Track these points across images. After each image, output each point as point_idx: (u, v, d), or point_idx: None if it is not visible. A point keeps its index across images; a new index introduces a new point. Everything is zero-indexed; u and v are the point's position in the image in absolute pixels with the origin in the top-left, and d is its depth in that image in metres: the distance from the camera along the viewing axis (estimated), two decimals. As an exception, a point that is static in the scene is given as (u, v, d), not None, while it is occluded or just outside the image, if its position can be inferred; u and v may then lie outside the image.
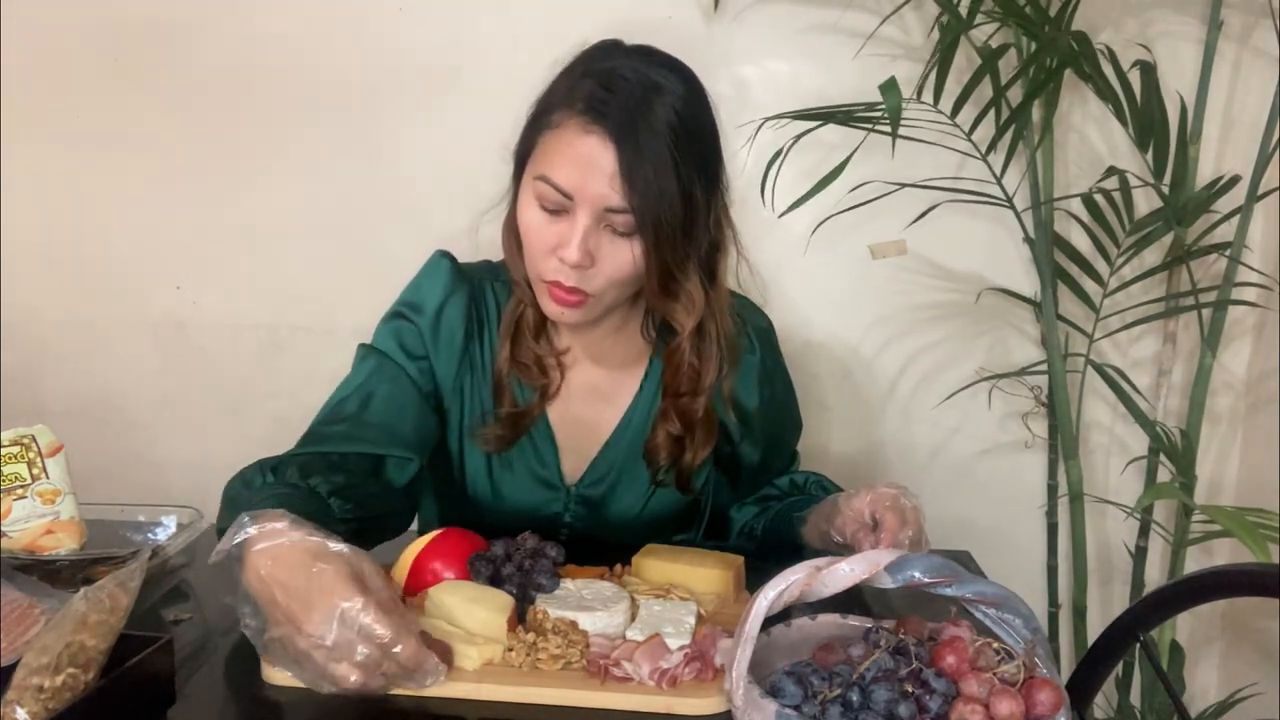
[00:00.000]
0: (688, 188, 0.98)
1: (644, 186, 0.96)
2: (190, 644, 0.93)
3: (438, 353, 1.12)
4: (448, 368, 1.13)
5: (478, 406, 1.14)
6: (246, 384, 1.78)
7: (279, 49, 1.68)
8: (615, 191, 0.96)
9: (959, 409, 1.68)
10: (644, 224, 0.97)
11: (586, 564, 1.05)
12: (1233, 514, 1.14)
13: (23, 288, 1.79)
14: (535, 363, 1.12)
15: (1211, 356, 1.54)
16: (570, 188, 0.98)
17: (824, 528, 1.04)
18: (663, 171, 0.96)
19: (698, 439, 1.14)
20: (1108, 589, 1.74)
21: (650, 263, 1.00)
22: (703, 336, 1.10)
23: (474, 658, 0.85)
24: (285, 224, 1.73)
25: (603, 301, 1.05)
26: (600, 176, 0.96)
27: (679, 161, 0.97)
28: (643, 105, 0.97)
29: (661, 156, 0.96)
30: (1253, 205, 1.47)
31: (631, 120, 0.96)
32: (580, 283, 1.01)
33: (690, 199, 0.99)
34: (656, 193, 0.96)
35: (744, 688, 0.70)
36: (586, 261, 0.99)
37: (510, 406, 1.13)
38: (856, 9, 1.56)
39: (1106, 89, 1.41)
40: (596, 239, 0.99)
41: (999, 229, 1.62)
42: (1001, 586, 0.74)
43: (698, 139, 1.00)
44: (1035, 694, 0.69)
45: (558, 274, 1.01)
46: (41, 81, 1.72)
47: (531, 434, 1.15)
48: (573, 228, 0.98)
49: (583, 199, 0.98)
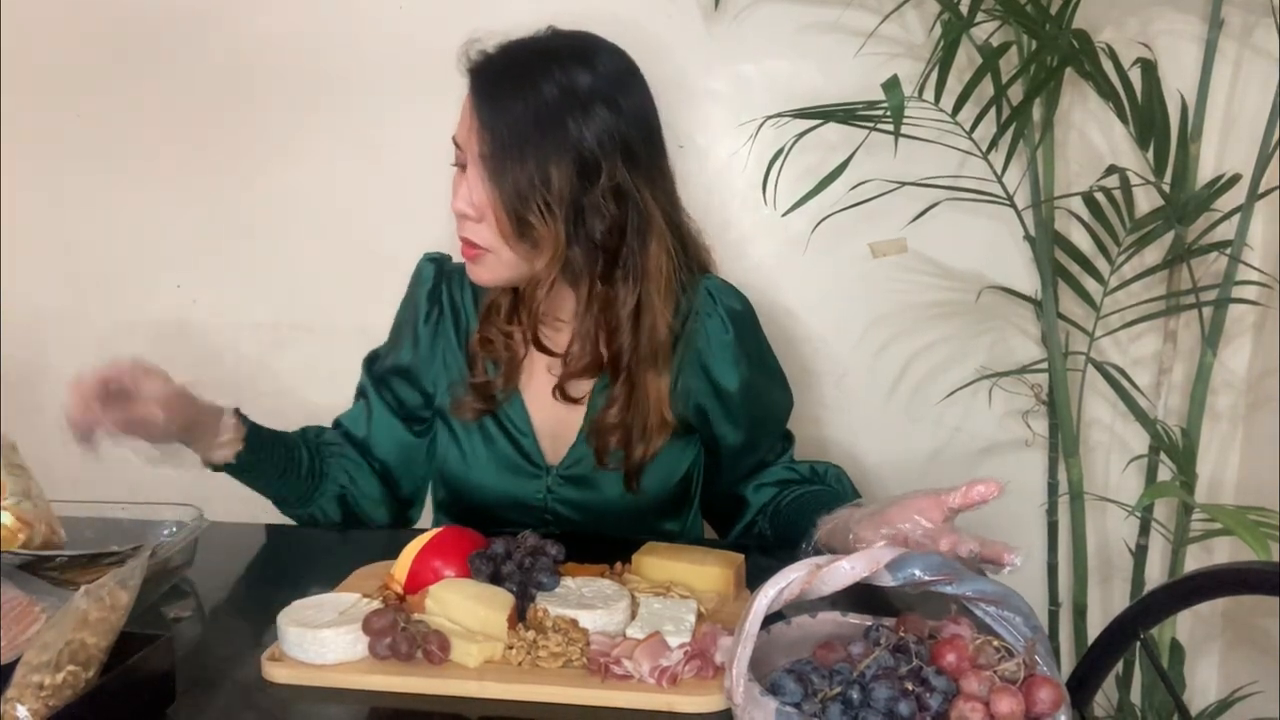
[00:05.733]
0: (556, 146, 1.04)
1: (495, 131, 1.04)
2: (190, 643, 0.93)
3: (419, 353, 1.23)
4: (428, 359, 1.23)
5: (449, 378, 1.22)
6: (246, 383, 1.78)
7: (280, 48, 1.68)
8: (475, 137, 1.06)
9: (959, 407, 1.68)
10: (490, 167, 1.05)
11: (587, 562, 1.05)
12: (1233, 512, 1.14)
13: (23, 288, 1.79)
14: (501, 339, 1.19)
15: (1212, 355, 1.54)
16: (458, 138, 1.09)
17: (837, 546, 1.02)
18: (520, 122, 1.04)
19: (650, 429, 1.14)
20: (1108, 587, 1.74)
21: (494, 196, 1.05)
22: (602, 304, 1.13)
23: (474, 655, 0.85)
24: (285, 223, 1.73)
25: (502, 258, 1.10)
26: (467, 125, 1.07)
27: (549, 120, 1.04)
28: (518, 64, 1.07)
29: (524, 111, 1.04)
30: (1253, 204, 1.47)
31: (499, 72, 1.07)
32: (471, 234, 1.09)
33: (556, 156, 1.04)
34: (506, 139, 1.04)
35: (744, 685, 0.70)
36: (470, 211, 1.07)
37: (482, 381, 1.20)
38: (857, 7, 1.56)
39: (1107, 87, 1.41)
40: (482, 191, 1.06)
41: (999, 227, 1.62)
42: (1002, 584, 0.74)
43: (588, 104, 1.05)
44: (1035, 692, 0.69)
45: (459, 228, 1.10)
46: (42, 81, 1.72)
47: (509, 417, 1.20)
48: (460, 179, 1.08)
49: (465, 148, 1.08)
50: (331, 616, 0.89)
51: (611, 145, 1.07)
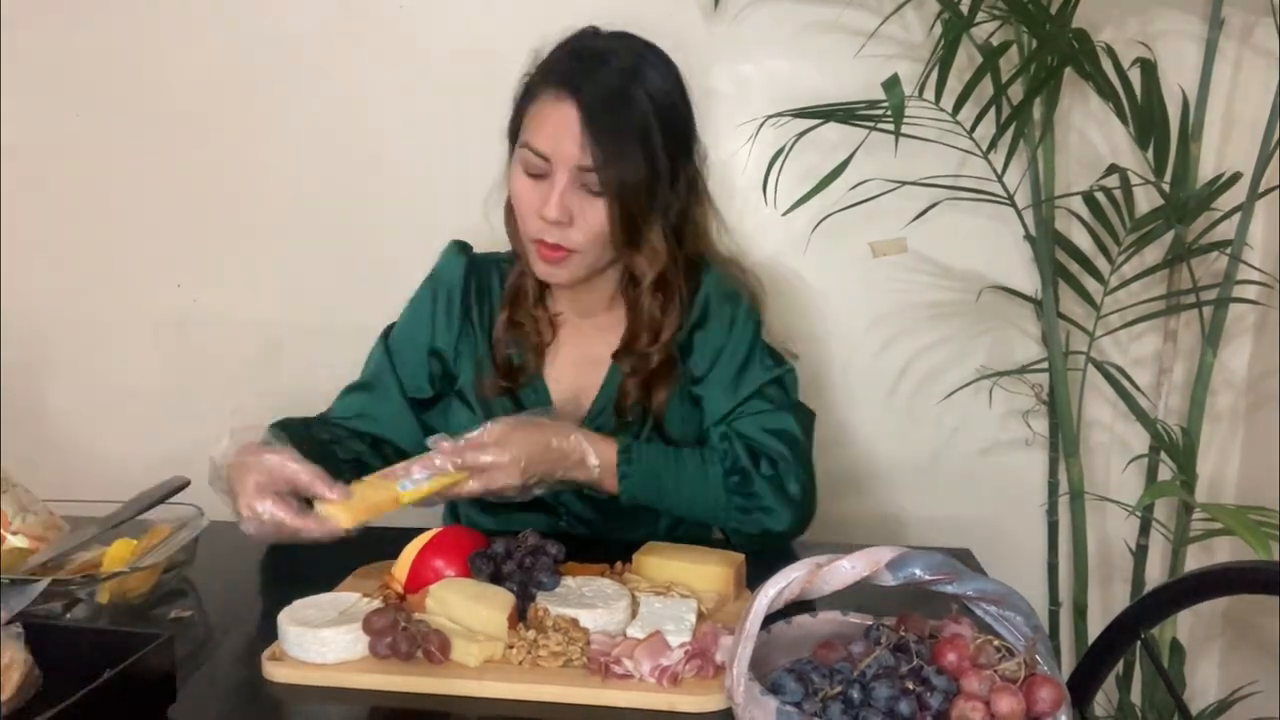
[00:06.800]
0: (654, 150, 1.11)
1: (607, 146, 1.08)
2: (190, 643, 0.93)
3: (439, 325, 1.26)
4: (448, 335, 1.26)
5: (476, 366, 1.25)
6: (246, 383, 1.78)
7: (280, 48, 1.68)
8: (584, 152, 1.08)
9: (960, 407, 1.68)
10: (608, 181, 1.09)
11: (587, 561, 1.05)
12: (1234, 512, 1.14)
13: (23, 288, 1.79)
14: (531, 323, 1.24)
15: (1212, 354, 1.54)
16: (547, 150, 1.10)
17: None
18: (627, 133, 1.09)
19: (659, 381, 1.22)
20: (1108, 587, 1.74)
21: (614, 215, 1.11)
22: (667, 292, 1.21)
23: (475, 655, 0.85)
24: (285, 223, 1.73)
25: (585, 259, 1.15)
26: (570, 139, 1.09)
27: (648, 127, 1.10)
28: (610, 76, 1.10)
29: (627, 120, 1.09)
30: (1253, 203, 1.47)
31: (598, 88, 1.09)
32: (561, 239, 1.12)
33: (653, 161, 1.11)
34: (618, 153, 1.09)
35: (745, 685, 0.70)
36: (565, 218, 1.11)
37: (506, 363, 1.24)
38: (857, 7, 1.56)
39: (1107, 88, 1.41)
40: (573, 198, 1.11)
41: (1000, 227, 1.62)
42: (1002, 584, 0.74)
43: (667, 108, 1.13)
44: (1036, 691, 0.69)
45: (542, 232, 1.12)
46: (42, 81, 1.72)
47: (529, 394, 1.24)
48: (552, 188, 1.10)
49: (558, 160, 1.10)
50: (332, 616, 0.89)
51: (685, 142, 1.18)
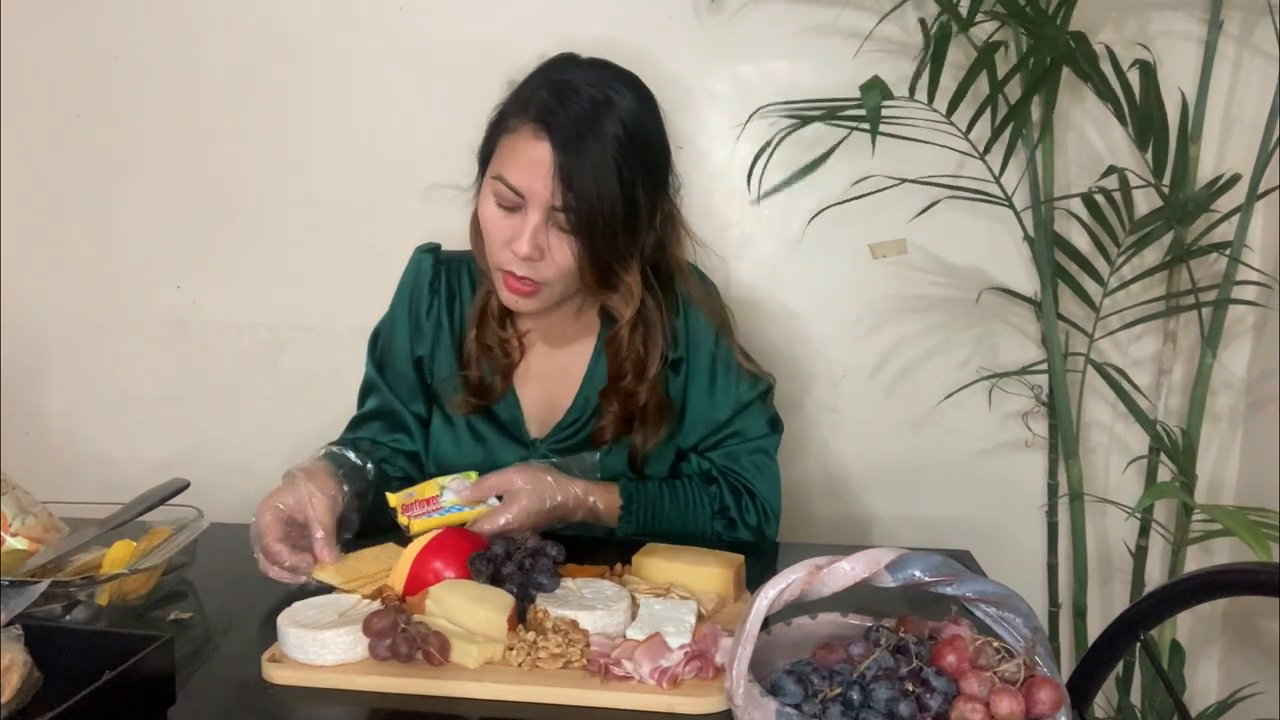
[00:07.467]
0: (629, 191, 1.09)
1: (581, 189, 1.06)
2: (190, 644, 0.93)
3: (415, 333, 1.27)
4: (426, 341, 1.27)
5: (447, 369, 1.26)
6: (247, 384, 1.78)
7: (280, 48, 1.68)
8: (555, 193, 1.07)
9: (959, 408, 1.68)
10: (579, 223, 1.08)
11: (586, 563, 1.05)
12: (1233, 513, 1.14)
13: (23, 288, 1.79)
14: (499, 345, 1.24)
15: (1212, 355, 1.54)
16: (521, 187, 1.08)
17: None
18: (602, 176, 1.07)
19: (648, 424, 1.22)
20: (1108, 588, 1.74)
21: (585, 258, 1.10)
22: (648, 327, 1.20)
23: (474, 656, 0.85)
24: (285, 224, 1.73)
25: (554, 291, 1.15)
26: (545, 178, 1.07)
27: (621, 168, 1.08)
28: (588, 115, 1.08)
29: (602, 163, 1.07)
30: (1253, 204, 1.47)
31: (576, 129, 1.07)
32: (530, 273, 1.11)
33: (631, 201, 1.10)
34: (595, 195, 1.07)
35: (744, 686, 0.70)
36: (536, 254, 1.10)
37: (478, 383, 1.24)
38: (855, 8, 1.56)
39: (1105, 88, 1.40)
40: (546, 234, 1.10)
41: (999, 228, 1.62)
42: (1002, 585, 0.74)
43: (642, 147, 1.11)
44: (1036, 692, 0.69)
45: (511, 265, 1.12)
46: (42, 81, 1.72)
47: (500, 406, 1.26)
48: (524, 223, 1.09)
49: (532, 198, 1.08)
50: (332, 618, 0.89)
51: (661, 177, 1.16)
